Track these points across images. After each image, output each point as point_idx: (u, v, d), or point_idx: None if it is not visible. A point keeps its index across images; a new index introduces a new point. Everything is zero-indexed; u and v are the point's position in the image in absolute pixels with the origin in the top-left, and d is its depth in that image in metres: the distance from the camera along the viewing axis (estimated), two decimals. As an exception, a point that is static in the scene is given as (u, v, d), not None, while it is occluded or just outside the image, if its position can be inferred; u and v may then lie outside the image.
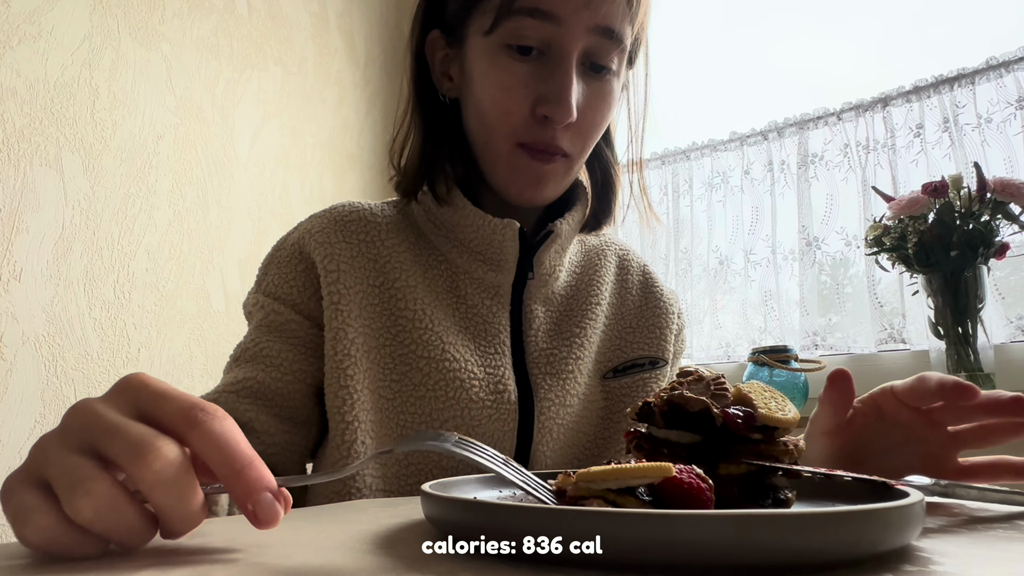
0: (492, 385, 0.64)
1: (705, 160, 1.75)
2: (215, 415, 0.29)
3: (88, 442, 0.29)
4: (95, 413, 0.29)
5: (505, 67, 0.62)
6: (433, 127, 0.69)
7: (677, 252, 1.77)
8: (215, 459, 0.28)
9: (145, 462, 0.27)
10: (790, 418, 0.36)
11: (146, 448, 0.27)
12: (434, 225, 0.69)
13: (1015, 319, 1.34)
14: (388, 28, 2.07)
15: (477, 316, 0.67)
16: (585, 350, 0.70)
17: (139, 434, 0.28)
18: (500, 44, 0.61)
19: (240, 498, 0.28)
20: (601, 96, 0.64)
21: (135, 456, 0.27)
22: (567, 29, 0.60)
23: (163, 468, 0.27)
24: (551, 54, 0.61)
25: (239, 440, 0.29)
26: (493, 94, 0.63)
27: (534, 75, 0.61)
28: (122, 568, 0.27)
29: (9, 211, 1.22)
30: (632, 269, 0.79)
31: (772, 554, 0.24)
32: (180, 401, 0.29)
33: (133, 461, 0.27)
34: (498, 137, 0.64)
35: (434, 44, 0.69)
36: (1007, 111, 1.37)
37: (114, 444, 0.28)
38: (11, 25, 1.24)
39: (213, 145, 1.57)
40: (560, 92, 0.60)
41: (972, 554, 0.29)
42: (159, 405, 0.29)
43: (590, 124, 0.64)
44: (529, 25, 0.60)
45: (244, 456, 0.29)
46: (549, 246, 0.68)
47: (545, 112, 0.61)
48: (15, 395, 1.19)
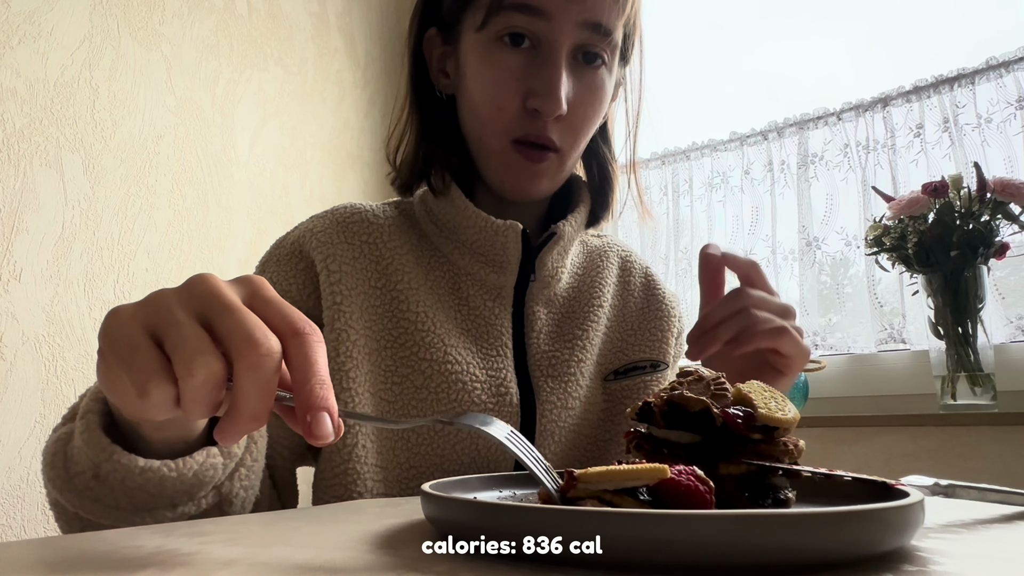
0: (494, 387, 0.64)
1: (705, 160, 1.75)
2: (316, 333, 0.32)
3: (205, 314, 0.31)
4: (219, 290, 0.32)
5: (496, 61, 0.62)
6: (430, 123, 0.70)
7: (677, 252, 1.77)
8: (300, 368, 0.31)
9: (253, 348, 0.30)
10: (790, 418, 0.36)
11: (258, 337, 0.30)
12: (436, 226, 0.69)
13: (1015, 319, 1.34)
14: (388, 28, 2.07)
15: (479, 318, 0.67)
16: (587, 352, 0.70)
17: (254, 323, 0.31)
18: (492, 38, 0.62)
19: (303, 408, 0.31)
20: (591, 90, 0.64)
21: (246, 340, 0.30)
22: (556, 24, 0.60)
23: (264, 358, 0.30)
24: (541, 48, 0.62)
25: (324, 363, 0.32)
26: (486, 89, 0.64)
27: (525, 68, 0.62)
28: (122, 568, 0.27)
29: (9, 211, 1.22)
30: (635, 271, 0.79)
31: (772, 554, 0.24)
32: (291, 311, 0.33)
33: (243, 344, 0.30)
34: (491, 133, 0.65)
35: (431, 42, 0.69)
36: (1007, 111, 1.36)
37: (230, 324, 0.31)
38: (11, 25, 1.24)
39: (213, 145, 1.57)
40: (549, 85, 0.61)
41: (972, 554, 0.29)
42: (272, 306, 0.33)
43: (581, 118, 0.64)
44: (519, 19, 0.61)
45: (323, 376, 0.31)
46: (552, 248, 0.68)
47: (535, 105, 0.61)
48: (15, 395, 1.19)
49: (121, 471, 0.42)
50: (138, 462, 0.42)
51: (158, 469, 0.42)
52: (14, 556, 0.30)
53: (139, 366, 0.31)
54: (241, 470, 0.49)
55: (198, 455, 0.44)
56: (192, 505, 0.46)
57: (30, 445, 1.20)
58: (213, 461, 0.45)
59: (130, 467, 0.42)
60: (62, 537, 0.35)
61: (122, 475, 0.42)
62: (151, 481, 0.42)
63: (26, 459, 1.20)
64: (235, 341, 0.30)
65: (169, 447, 0.44)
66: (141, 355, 0.31)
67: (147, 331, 0.31)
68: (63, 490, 0.45)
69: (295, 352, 0.31)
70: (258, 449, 0.50)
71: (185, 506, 0.46)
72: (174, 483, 0.43)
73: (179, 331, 0.31)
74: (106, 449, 0.42)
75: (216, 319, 0.31)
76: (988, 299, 1.24)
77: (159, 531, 0.36)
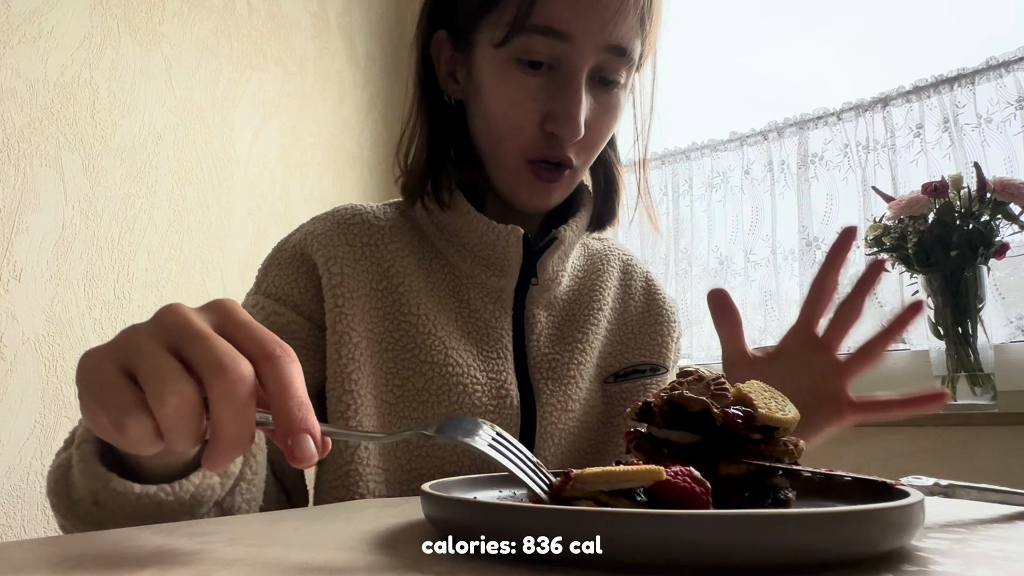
0: (494, 390, 0.64)
1: (705, 160, 1.75)
2: (289, 355, 0.32)
3: (175, 344, 0.31)
4: (188, 319, 0.32)
5: (515, 80, 0.62)
6: (438, 128, 0.69)
7: (677, 252, 1.77)
8: (276, 392, 0.31)
9: (224, 374, 0.30)
10: (790, 418, 0.36)
11: (227, 363, 0.30)
12: (437, 228, 0.69)
13: (1015, 319, 1.34)
14: (388, 28, 2.07)
15: (480, 321, 0.67)
16: (587, 355, 0.70)
17: (223, 349, 0.31)
18: (510, 58, 0.61)
19: (283, 432, 0.31)
20: (607, 109, 0.64)
21: (216, 367, 0.30)
22: (578, 48, 0.59)
23: (236, 384, 0.30)
24: (560, 70, 0.61)
25: (300, 384, 0.32)
26: (503, 107, 0.63)
27: (543, 89, 0.61)
28: (123, 568, 0.27)
29: (9, 211, 1.22)
30: (636, 275, 0.79)
31: (772, 554, 0.24)
32: (263, 333, 0.33)
33: (214, 371, 0.30)
34: (505, 151, 0.64)
35: (440, 44, 0.68)
36: (1007, 111, 1.36)
37: (199, 352, 0.31)
38: (11, 25, 1.24)
39: (213, 145, 1.57)
40: (569, 111, 0.60)
41: (972, 554, 0.29)
42: (244, 331, 0.33)
43: (596, 136, 0.64)
44: (540, 42, 0.60)
45: (300, 398, 0.31)
46: (553, 252, 0.68)
47: (553, 129, 0.61)
48: (15, 395, 1.19)
49: (119, 498, 0.42)
50: (135, 488, 0.42)
51: (155, 494, 0.42)
52: (14, 556, 0.30)
53: (113, 403, 0.31)
54: (242, 484, 0.48)
55: (195, 477, 0.44)
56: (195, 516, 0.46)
57: (30, 445, 1.20)
58: (210, 481, 0.45)
59: (127, 494, 0.42)
60: (62, 537, 0.36)
61: (120, 502, 0.42)
62: (148, 506, 0.42)
63: (26, 459, 1.20)
64: (205, 369, 0.30)
65: (169, 469, 0.44)
66: (115, 392, 0.31)
67: (120, 368, 0.31)
68: (67, 516, 0.45)
69: (269, 376, 0.31)
70: (258, 463, 0.50)
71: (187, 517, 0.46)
72: (172, 506, 0.43)
73: (149, 363, 0.31)
74: (102, 478, 0.42)
75: (186, 348, 0.31)
76: (988, 299, 1.23)
77: (159, 531, 0.36)
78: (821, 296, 0.61)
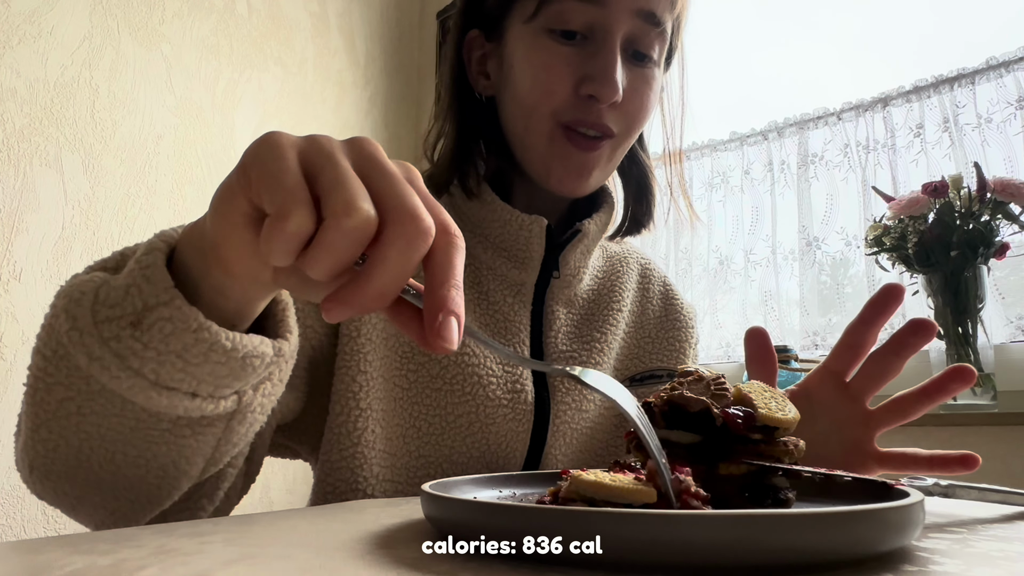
0: (510, 384, 0.64)
1: (705, 160, 1.75)
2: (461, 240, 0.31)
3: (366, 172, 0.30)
4: (382, 157, 0.30)
5: (547, 47, 0.62)
6: (468, 124, 0.69)
7: (677, 252, 1.77)
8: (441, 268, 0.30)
9: (413, 221, 0.28)
10: (790, 418, 0.36)
11: (420, 213, 0.29)
12: (460, 219, 0.69)
13: (1015, 319, 1.34)
14: (388, 28, 2.07)
15: (498, 313, 0.67)
16: (605, 356, 0.70)
17: (416, 199, 0.29)
18: (543, 28, 0.62)
19: (435, 307, 0.29)
20: (645, 80, 0.64)
21: (409, 211, 0.29)
22: (611, 11, 0.60)
23: (421, 234, 0.29)
24: (594, 37, 0.61)
25: (461, 272, 0.31)
26: (535, 74, 0.62)
27: (577, 55, 0.61)
28: (122, 568, 0.27)
29: (9, 211, 1.22)
30: (654, 279, 0.80)
31: (772, 554, 0.24)
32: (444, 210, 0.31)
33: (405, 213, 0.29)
34: (539, 117, 0.63)
35: (472, 44, 0.69)
36: (1007, 111, 1.36)
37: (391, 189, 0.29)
38: (11, 25, 1.24)
39: (213, 145, 1.57)
40: (605, 70, 0.60)
41: (972, 554, 0.29)
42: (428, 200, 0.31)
43: (637, 107, 0.64)
44: (573, 8, 0.60)
45: (460, 283, 0.30)
46: (576, 245, 0.68)
47: (590, 91, 0.61)
48: (15, 395, 1.19)
49: (175, 322, 0.36)
50: (198, 316, 0.36)
51: (216, 333, 0.36)
52: (15, 556, 0.30)
53: (288, 187, 0.28)
54: (267, 384, 0.43)
55: (253, 336, 0.39)
56: (210, 403, 0.39)
57: (30, 445, 1.20)
58: (264, 349, 0.39)
59: (187, 319, 0.36)
60: (62, 537, 0.35)
61: (171, 329, 0.36)
62: (199, 344, 0.36)
63: (26, 459, 1.20)
64: (396, 206, 0.29)
65: None
66: (292, 178, 0.29)
67: (302, 163, 0.29)
68: (82, 332, 0.37)
69: (441, 251, 0.30)
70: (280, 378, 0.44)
71: (204, 401, 0.39)
72: (218, 358, 0.37)
73: (339, 173, 0.29)
74: (168, 291, 0.36)
75: (376, 180, 0.29)
76: (988, 299, 1.23)
77: (159, 531, 0.36)
78: (856, 351, 0.57)
